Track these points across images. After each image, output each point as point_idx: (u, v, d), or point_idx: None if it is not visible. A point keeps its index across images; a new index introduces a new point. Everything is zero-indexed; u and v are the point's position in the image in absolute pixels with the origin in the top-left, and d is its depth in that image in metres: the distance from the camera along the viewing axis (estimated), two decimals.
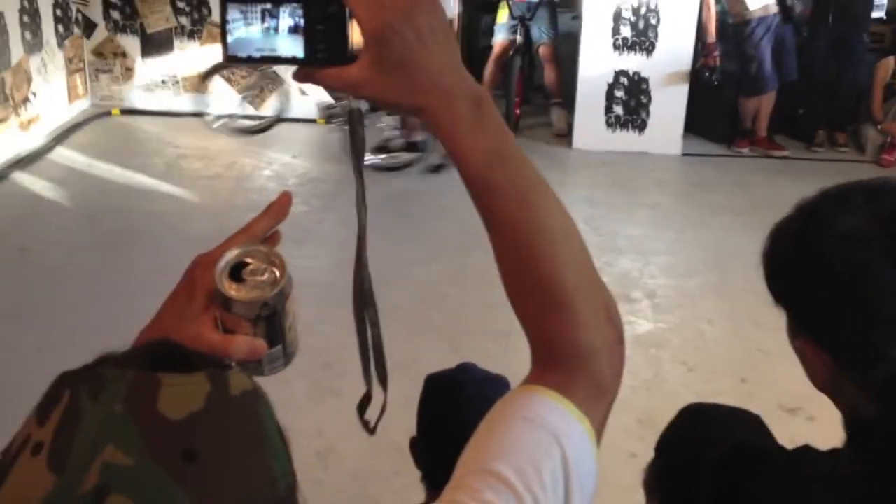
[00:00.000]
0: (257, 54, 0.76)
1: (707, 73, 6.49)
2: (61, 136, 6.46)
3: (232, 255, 0.79)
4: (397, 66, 0.73)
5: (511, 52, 6.87)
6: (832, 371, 1.10)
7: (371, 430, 0.96)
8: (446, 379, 1.74)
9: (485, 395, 1.68)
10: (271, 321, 0.81)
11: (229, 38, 0.75)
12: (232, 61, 0.77)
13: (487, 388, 1.70)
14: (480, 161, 0.78)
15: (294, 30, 0.74)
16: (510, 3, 6.87)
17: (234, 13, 0.74)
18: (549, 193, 0.82)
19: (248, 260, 0.80)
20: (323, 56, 0.75)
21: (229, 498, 0.57)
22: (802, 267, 1.10)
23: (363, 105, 0.83)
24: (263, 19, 0.74)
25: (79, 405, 0.56)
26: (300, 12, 0.74)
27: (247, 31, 0.75)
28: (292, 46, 0.75)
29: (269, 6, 0.74)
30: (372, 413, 0.97)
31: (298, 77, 0.77)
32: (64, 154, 6.23)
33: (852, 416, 1.10)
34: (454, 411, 1.66)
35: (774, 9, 6.40)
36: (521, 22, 6.87)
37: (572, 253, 0.84)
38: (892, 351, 1.03)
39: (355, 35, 0.74)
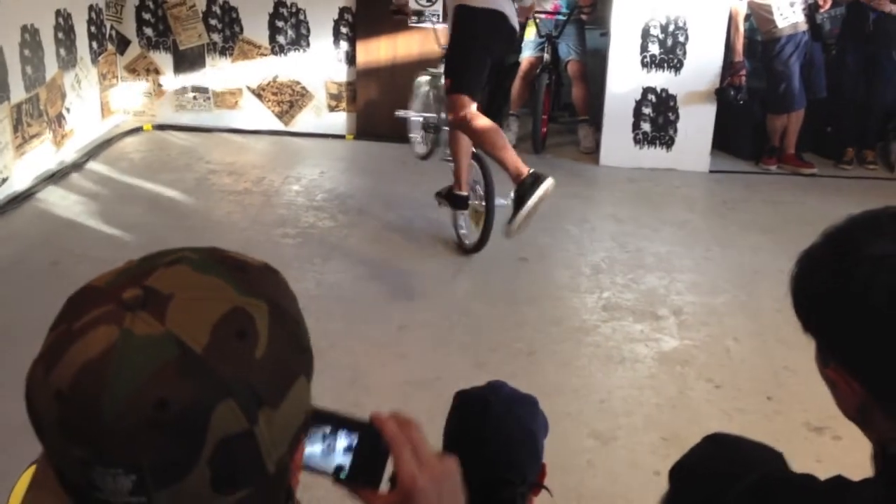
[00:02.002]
0: (315, 466, 0.91)
1: (732, 92, 6.47)
2: (94, 152, 6.55)
3: None
4: None
5: (538, 70, 6.90)
6: (863, 401, 1.07)
7: None
8: (474, 397, 1.74)
9: (511, 414, 1.69)
10: None
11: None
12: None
13: (514, 407, 1.71)
14: None
15: (347, 449, 0.91)
16: (537, 20, 6.89)
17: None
18: None
19: None
20: (360, 478, 0.91)
21: (264, 298, 0.77)
22: (832, 293, 1.08)
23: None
24: (324, 439, 0.91)
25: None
26: (354, 439, 0.91)
27: (310, 446, 0.91)
28: (341, 461, 0.91)
29: (331, 428, 0.91)
30: None
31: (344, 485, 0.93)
32: (96, 169, 6.31)
33: (883, 451, 1.07)
34: (479, 429, 1.67)
35: (804, 27, 6.38)
36: (549, 39, 6.90)
37: None
38: None
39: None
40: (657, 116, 6.69)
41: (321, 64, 7.09)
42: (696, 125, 6.63)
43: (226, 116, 7.21)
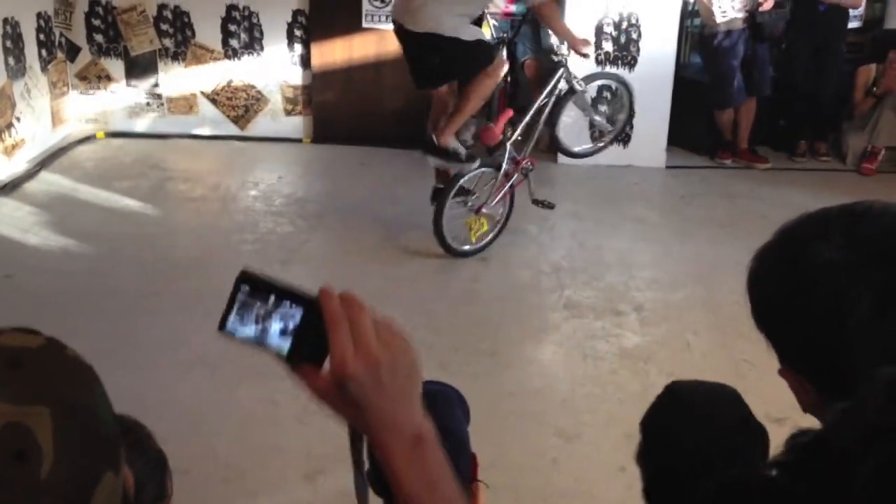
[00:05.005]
0: (247, 339, 0.86)
1: (768, 17, 6.40)
2: (46, 161, 6.44)
3: None
4: (352, 402, 0.85)
5: None
6: (813, 397, 1.08)
7: None
8: None
9: None
10: None
11: (230, 315, 0.85)
12: (224, 335, 0.86)
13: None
14: (413, 490, 0.87)
15: (283, 331, 0.85)
16: (490, 23, 6.88)
17: (241, 297, 0.84)
18: None
19: None
20: (303, 353, 0.86)
21: (45, 401, 0.69)
22: (778, 299, 1.09)
23: None
24: (263, 314, 0.85)
25: None
26: (297, 315, 0.84)
27: (246, 318, 0.85)
28: (279, 343, 0.85)
29: (274, 299, 0.84)
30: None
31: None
32: (49, 179, 6.21)
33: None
34: None
35: (741, 24, 6.46)
36: (501, 42, 6.89)
37: None
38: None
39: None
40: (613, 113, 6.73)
41: (276, 68, 7.04)
42: (652, 121, 6.68)
43: (180, 122, 7.13)
